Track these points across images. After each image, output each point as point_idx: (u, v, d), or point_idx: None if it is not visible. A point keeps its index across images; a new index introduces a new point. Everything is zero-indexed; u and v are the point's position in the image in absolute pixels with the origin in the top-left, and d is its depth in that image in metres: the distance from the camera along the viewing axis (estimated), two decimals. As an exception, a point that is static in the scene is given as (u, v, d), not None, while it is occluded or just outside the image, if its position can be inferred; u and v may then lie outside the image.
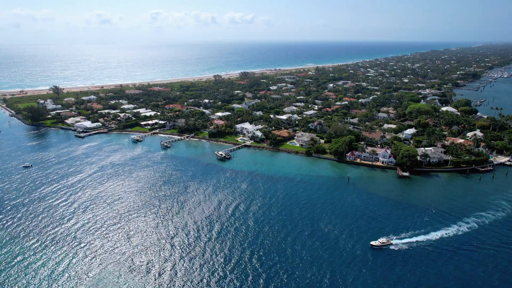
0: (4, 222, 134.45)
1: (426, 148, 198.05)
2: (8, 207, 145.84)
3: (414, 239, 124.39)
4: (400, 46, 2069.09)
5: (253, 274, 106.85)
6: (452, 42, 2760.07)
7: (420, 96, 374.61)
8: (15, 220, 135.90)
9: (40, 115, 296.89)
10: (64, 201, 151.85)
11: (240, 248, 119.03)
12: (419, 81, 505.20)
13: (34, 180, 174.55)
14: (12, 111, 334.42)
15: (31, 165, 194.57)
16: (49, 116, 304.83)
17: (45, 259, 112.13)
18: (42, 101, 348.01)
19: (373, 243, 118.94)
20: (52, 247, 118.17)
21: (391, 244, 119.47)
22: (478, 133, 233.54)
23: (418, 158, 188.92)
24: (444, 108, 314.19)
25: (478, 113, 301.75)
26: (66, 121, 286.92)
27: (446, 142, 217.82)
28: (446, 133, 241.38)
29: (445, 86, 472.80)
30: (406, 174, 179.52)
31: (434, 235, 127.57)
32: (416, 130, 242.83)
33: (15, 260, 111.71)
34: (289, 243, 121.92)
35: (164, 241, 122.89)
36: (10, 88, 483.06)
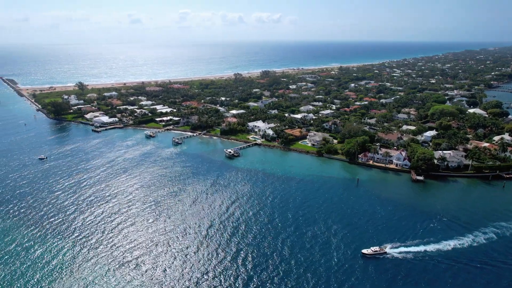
0: (10, 210, 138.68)
1: (444, 151, 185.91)
2: (16, 197, 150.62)
3: (413, 248, 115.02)
4: (431, 46, 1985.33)
5: (235, 274, 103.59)
6: (490, 42, 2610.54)
7: (446, 97, 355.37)
8: (20, 209, 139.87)
9: (62, 110, 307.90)
10: (69, 193, 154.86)
11: (228, 248, 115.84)
12: (448, 82, 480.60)
13: (46, 172, 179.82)
14: (39, 106, 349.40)
15: (46, 157, 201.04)
16: (71, 110, 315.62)
17: (40, 249, 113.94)
18: (66, 97, 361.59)
19: (364, 251, 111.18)
20: (50, 238, 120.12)
21: (385, 253, 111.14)
22: (507, 137, 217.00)
23: (435, 161, 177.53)
24: (471, 110, 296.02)
25: (510, 116, 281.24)
26: (86, 115, 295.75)
27: (469, 145, 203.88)
28: (470, 136, 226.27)
29: (476, 87, 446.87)
30: (421, 178, 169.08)
31: (444, 245, 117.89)
32: (437, 132, 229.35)
33: (11, 247, 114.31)
34: (279, 244, 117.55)
35: (157, 237, 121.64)
36: (41, 84, 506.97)
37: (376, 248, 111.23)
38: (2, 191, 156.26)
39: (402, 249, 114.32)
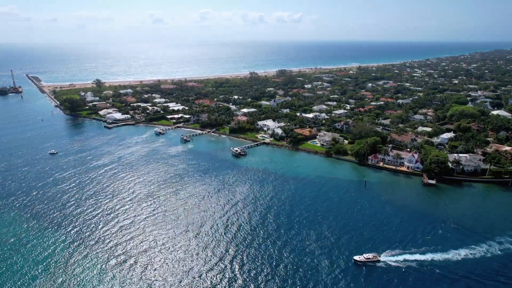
0: (15, 203, 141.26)
1: (460, 155, 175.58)
2: (23, 190, 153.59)
3: (412, 257, 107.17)
4: (458, 46, 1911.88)
5: (220, 275, 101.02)
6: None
7: (468, 98, 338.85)
8: (24, 202, 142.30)
9: (78, 106, 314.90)
10: (73, 189, 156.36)
11: (217, 248, 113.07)
12: (472, 82, 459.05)
13: (54, 166, 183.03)
14: (58, 102, 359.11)
15: (57, 152, 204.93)
16: (86, 107, 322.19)
17: (37, 243, 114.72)
18: (83, 93, 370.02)
19: (356, 258, 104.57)
20: (48, 232, 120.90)
21: (378, 260, 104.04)
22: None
23: (450, 165, 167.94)
24: (495, 112, 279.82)
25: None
26: (100, 112, 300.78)
27: (488, 149, 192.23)
28: (491, 139, 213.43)
29: (503, 88, 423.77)
30: (433, 182, 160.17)
31: (453, 255, 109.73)
32: (454, 134, 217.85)
33: (9, 239, 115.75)
34: (270, 246, 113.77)
35: (151, 236, 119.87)
36: (62, 82, 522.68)
37: (369, 255, 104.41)
38: (10, 184, 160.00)
39: (399, 257, 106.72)
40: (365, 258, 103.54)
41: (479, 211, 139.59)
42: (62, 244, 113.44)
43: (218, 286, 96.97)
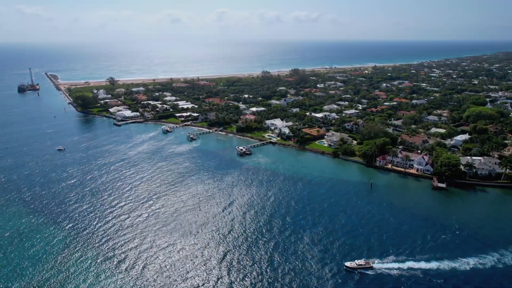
0: (17, 198, 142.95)
1: (473, 158, 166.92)
2: (27, 185, 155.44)
3: (408, 264, 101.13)
4: (481, 46, 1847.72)
5: (210, 276, 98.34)
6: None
7: (488, 99, 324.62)
8: (25, 197, 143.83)
9: (89, 104, 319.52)
10: (75, 184, 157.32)
11: (213, 248, 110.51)
12: (493, 83, 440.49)
13: (60, 162, 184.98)
14: (71, 99, 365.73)
15: (64, 149, 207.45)
16: (98, 104, 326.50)
17: (34, 237, 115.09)
18: (96, 91, 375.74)
19: (348, 264, 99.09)
20: (45, 227, 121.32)
21: (372, 267, 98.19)
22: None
23: (462, 168, 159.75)
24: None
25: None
26: (110, 109, 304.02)
27: (505, 152, 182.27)
28: (509, 141, 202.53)
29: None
30: (443, 185, 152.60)
31: (461, 263, 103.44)
32: (470, 136, 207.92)
33: (7, 233, 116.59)
34: (261, 248, 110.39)
35: (143, 233, 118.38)
36: (79, 80, 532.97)
37: (361, 262, 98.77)
38: (16, 179, 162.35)
39: (394, 264, 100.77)
40: (356, 264, 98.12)
41: (492, 217, 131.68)
42: (56, 239, 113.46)
43: (204, 286, 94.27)
